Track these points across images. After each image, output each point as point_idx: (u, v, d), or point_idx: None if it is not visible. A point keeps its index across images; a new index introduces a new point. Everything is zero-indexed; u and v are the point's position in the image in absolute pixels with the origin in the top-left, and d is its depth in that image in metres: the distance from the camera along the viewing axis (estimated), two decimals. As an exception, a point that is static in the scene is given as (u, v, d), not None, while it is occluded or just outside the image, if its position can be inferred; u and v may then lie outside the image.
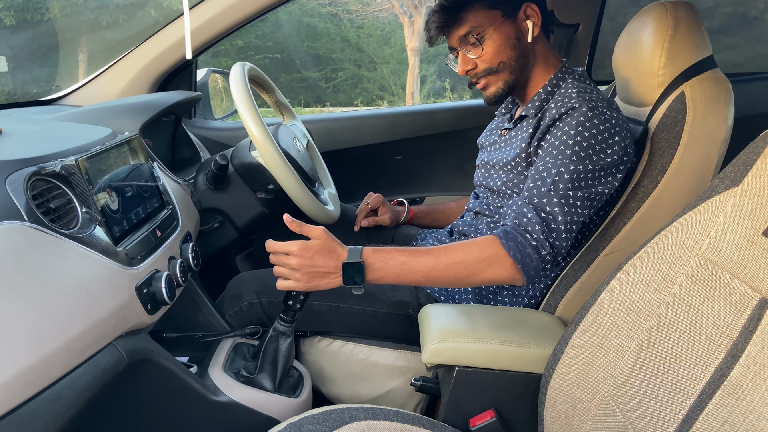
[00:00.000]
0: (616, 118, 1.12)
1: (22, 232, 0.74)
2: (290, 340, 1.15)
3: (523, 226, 1.05)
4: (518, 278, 1.04)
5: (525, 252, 1.03)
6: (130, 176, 1.04)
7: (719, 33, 4.01)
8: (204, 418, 1.07)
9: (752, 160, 0.76)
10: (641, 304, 0.83)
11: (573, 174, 1.07)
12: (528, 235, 1.04)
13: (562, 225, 1.05)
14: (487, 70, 1.22)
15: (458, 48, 1.23)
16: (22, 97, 8.10)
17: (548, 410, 0.95)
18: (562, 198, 1.06)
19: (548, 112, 1.17)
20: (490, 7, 1.19)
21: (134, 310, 0.89)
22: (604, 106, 1.12)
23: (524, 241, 1.04)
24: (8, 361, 0.65)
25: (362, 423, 0.91)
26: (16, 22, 8.54)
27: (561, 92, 1.20)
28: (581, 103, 1.11)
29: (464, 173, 2.11)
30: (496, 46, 1.20)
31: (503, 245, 1.03)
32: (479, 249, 1.04)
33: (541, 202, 1.06)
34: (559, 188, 1.06)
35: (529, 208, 1.07)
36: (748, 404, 0.63)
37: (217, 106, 2.14)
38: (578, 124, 1.09)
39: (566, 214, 1.06)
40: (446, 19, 1.21)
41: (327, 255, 1.02)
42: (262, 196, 1.43)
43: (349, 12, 10.90)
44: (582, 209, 1.08)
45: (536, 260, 1.04)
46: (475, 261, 1.03)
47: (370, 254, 1.02)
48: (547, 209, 1.06)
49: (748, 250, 0.71)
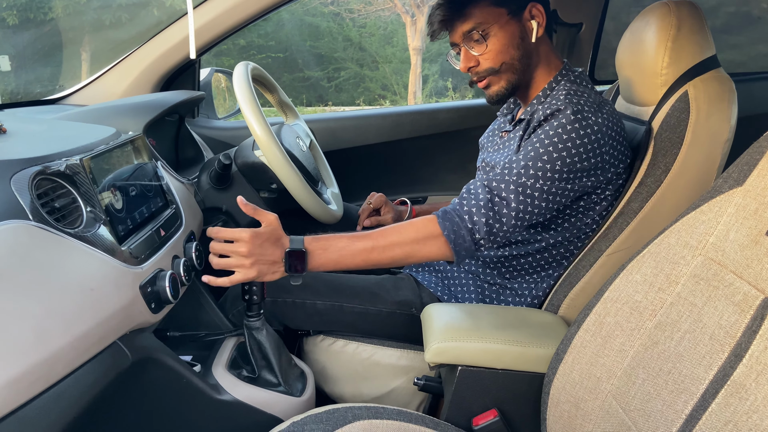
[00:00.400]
0: (600, 125, 1.10)
1: (26, 231, 0.75)
2: (265, 330, 1.15)
3: (467, 206, 1.07)
4: (449, 255, 1.08)
5: (459, 233, 1.06)
6: (134, 175, 1.04)
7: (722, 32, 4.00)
8: (207, 416, 1.07)
9: (756, 159, 0.76)
10: (644, 304, 0.83)
11: (539, 171, 1.07)
12: (467, 217, 1.06)
13: (513, 212, 1.06)
14: (490, 69, 1.21)
15: (461, 44, 1.22)
16: (25, 96, 8.12)
17: (551, 410, 0.95)
18: (519, 186, 1.07)
19: (536, 114, 1.17)
20: (496, 5, 1.18)
21: (138, 309, 0.89)
22: (591, 111, 1.11)
23: (460, 222, 1.06)
24: (13, 359, 0.66)
25: (365, 422, 0.91)
26: (20, 21, 8.56)
27: (552, 95, 1.19)
28: (566, 106, 1.11)
29: (467, 173, 2.11)
30: (500, 45, 1.19)
31: (439, 224, 1.06)
32: (415, 229, 1.07)
33: (498, 187, 1.07)
34: (521, 179, 1.07)
35: (484, 190, 1.08)
36: (752, 404, 0.63)
37: (220, 105, 2.14)
38: (558, 125, 1.08)
39: (520, 203, 1.07)
40: (451, 14, 1.20)
41: (274, 243, 1.04)
42: (266, 196, 1.43)
43: (352, 11, 10.90)
44: (538, 201, 1.08)
45: (469, 242, 1.07)
46: (411, 241, 1.07)
47: (311, 242, 1.05)
48: (503, 194, 1.07)
49: (752, 249, 0.71)
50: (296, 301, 1.29)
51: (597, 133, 1.09)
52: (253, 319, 1.14)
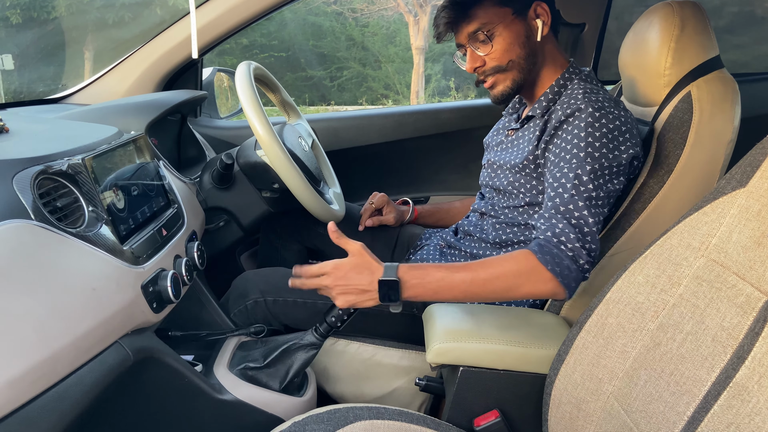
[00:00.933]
0: (624, 117, 1.11)
1: (29, 230, 0.75)
2: (314, 353, 1.13)
3: (557, 238, 1.02)
4: (559, 292, 1.01)
5: (563, 264, 1.00)
6: (136, 175, 1.05)
7: (726, 33, 3.99)
8: (209, 416, 1.07)
9: (759, 161, 0.75)
10: (647, 305, 0.83)
11: (591, 174, 1.06)
12: (563, 247, 1.01)
13: (594, 227, 1.04)
14: (496, 68, 1.21)
15: (467, 45, 1.22)
16: (28, 95, 8.13)
17: (553, 411, 0.95)
18: (587, 200, 1.05)
19: (554, 114, 1.16)
20: (500, 5, 1.18)
21: (140, 309, 0.89)
22: (611, 105, 1.12)
23: (560, 253, 1.01)
24: (15, 358, 0.66)
25: (366, 422, 0.91)
26: (23, 20, 8.57)
27: (567, 93, 1.19)
28: (587, 104, 1.11)
29: (469, 173, 2.11)
30: (505, 44, 1.19)
31: (539, 259, 0.99)
32: (516, 262, 1.00)
33: (569, 209, 1.04)
34: (581, 191, 1.05)
35: (558, 218, 1.04)
36: (754, 406, 0.63)
37: (222, 105, 2.15)
38: (587, 125, 1.08)
39: (594, 215, 1.04)
40: (456, 15, 1.20)
41: (361, 272, 0.99)
42: (268, 195, 1.43)
43: (354, 11, 10.90)
44: (603, 207, 1.07)
45: (575, 270, 1.01)
46: (514, 275, 1.00)
47: (406, 271, 1.00)
48: (576, 215, 1.04)
49: (755, 251, 0.71)
50: (297, 301, 1.29)
51: (626, 124, 1.10)
52: (318, 337, 1.11)
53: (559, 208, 1.05)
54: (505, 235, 1.27)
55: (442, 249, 1.40)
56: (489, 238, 1.29)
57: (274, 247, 1.64)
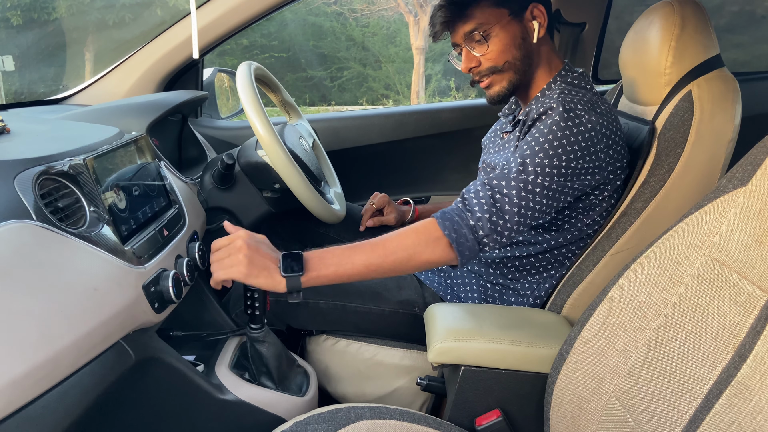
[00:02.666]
0: (594, 122, 1.08)
1: (30, 231, 0.75)
2: (267, 343, 1.13)
3: (468, 205, 1.04)
4: (452, 257, 1.03)
5: (461, 232, 1.02)
6: (137, 175, 1.05)
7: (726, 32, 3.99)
8: (210, 416, 1.07)
9: (760, 159, 0.75)
10: (648, 304, 0.83)
11: (537, 167, 1.05)
12: (469, 214, 1.03)
13: (515, 208, 1.03)
14: (492, 69, 1.21)
15: (462, 45, 1.22)
16: (29, 96, 8.14)
17: (554, 410, 0.95)
18: (520, 182, 1.04)
19: (531, 113, 1.16)
20: (497, 5, 1.18)
21: (141, 309, 0.89)
22: (584, 110, 1.09)
23: (461, 220, 1.03)
24: (17, 359, 0.66)
25: (368, 422, 0.91)
26: (24, 21, 8.58)
27: (548, 94, 1.19)
28: (558, 104, 1.10)
29: (469, 172, 2.11)
30: (501, 45, 1.19)
31: (439, 224, 1.02)
32: (416, 232, 1.03)
33: (499, 184, 1.05)
34: (521, 176, 1.05)
35: (485, 188, 1.05)
36: (756, 405, 0.63)
37: (223, 105, 2.15)
38: (552, 123, 1.07)
39: (522, 198, 1.04)
40: (452, 15, 1.20)
41: (269, 247, 1.03)
42: (269, 195, 1.43)
43: (355, 11, 10.90)
44: (539, 198, 1.05)
45: (471, 240, 1.02)
46: (413, 244, 1.02)
47: (308, 253, 1.03)
48: (504, 191, 1.04)
49: (756, 250, 0.71)
50: (299, 301, 1.29)
51: (590, 131, 1.08)
52: (255, 330, 1.12)
53: (492, 181, 1.06)
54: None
55: (443, 249, 1.40)
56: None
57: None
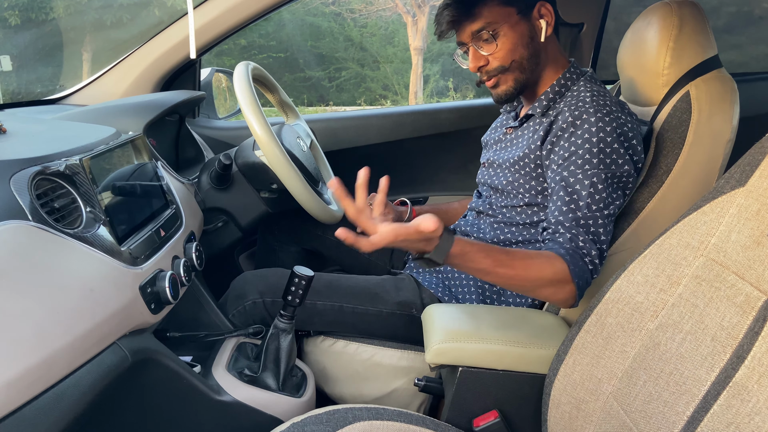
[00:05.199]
0: (631, 122, 1.12)
1: (26, 231, 0.74)
2: (291, 336, 1.15)
3: (582, 251, 1.05)
4: (572, 302, 1.05)
5: (584, 277, 1.03)
6: (134, 176, 1.04)
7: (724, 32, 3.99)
8: (207, 417, 1.07)
9: (758, 160, 0.75)
10: (646, 305, 0.83)
11: (605, 182, 1.07)
12: (587, 259, 1.05)
13: (605, 237, 1.07)
14: (500, 68, 1.21)
15: (470, 43, 1.21)
16: (26, 96, 8.12)
17: (552, 411, 0.95)
18: (602, 211, 1.07)
19: (561, 115, 1.15)
20: (505, 4, 1.18)
21: (138, 310, 0.89)
22: (619, 110, 1.12)
23: (584, 266, 1.04)
24: (12, 360, 0.65)
25: (365, 423, 0.91)
26: (21, 21, 8.56)
27: (573, 95, 1.19)
28: (596, 109, 1.10)
29: (468, 173, 2.10)
30: (510, 44, 1.18)
31: (571, 272, 1.01)
32: (553, 270, 1.01)
33: (588, 223, 1.06)
34: (596, 200, 1.07)
35: (580, 231, 1.06)
36: (753, 406, 0.63)
37: (220, 105, 2.14)
38: (599, 130, 1.08)
39: (605, 226, 1.07)
40: (459, 14, 1.19)
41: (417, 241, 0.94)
42: (266, 196, 1.43)
43: (353, 11, 10.89)
44: (613, 218, 1.09)
45: (590, 280, 1.05)
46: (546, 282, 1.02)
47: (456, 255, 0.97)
48: (592, 229, 1.06)
49: (754, 251, 0.71)
50: None
51: (632, 130, 1.11)
52: (285, 321, 1.14)
53: (579, 219, 1.06)
54: (503, 235, 1.26)
55: (440, 249, 1.40)
56: (487, 238, 1.29)
57: (272, 248, 1.64)
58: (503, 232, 1.27)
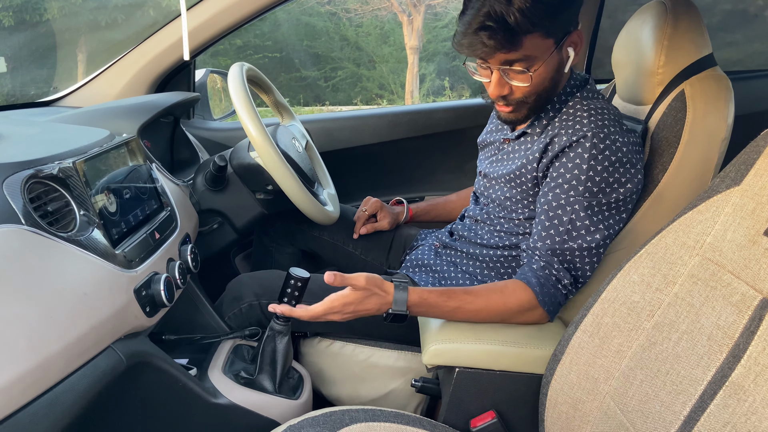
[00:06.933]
0: (628, 144, 1.08)
1: (19, 235, 0.74)
2: (287, 338, 1.14)
3: (554, 278, 1.08)
4: (546, 321, 1.11)
5: (556, 302, 1.09)
6: (128, 178, 1.04)
7: (719, 30, 4.00)
8: (203, 420, 1.07)
9: (753, 159, 0.75)
10: (642, 305, 0.83)
11: (588, 210, 1.07)
12: (560, 285, 1.08)
13: (582, 264, 1.08)
14: (522, 100, 1.13)
15: (497, 68, 1.09)
16: (20, 98, 8.09)
17: (549, 411, 0.95)
18: (585, 236, 1.07)
19: (557, 137, 1.11)
20: (546, 35, 1.06)
21: (133, 313, 0.89)
22: (617, 132, 1.08)
23: (557, 292, 1.08)
24: (6, 365, 0.65)
25: (362, 425, 0.91)
26: (15, 22, 8.53)
27: (570, 113, 1.13)
28: (594, 133, 1.06)
29: (464, 172, 2.11)
30: (540, 79, 1.10)
31: (540, 301, 1.07)
32: (518, 301, 1.07)
33: (563, 253, 1.08)
34: (576, 226, 1.07)
35: (553, 259, 1.08)
36: (750, 405, 0.63)
37: (215, 106, 2.14)
38: (590, 157, 1.06)
39: (585, 254, 1.08)
40: (498, 43, 1.04)
41: (369, 302, 1.04)
42: (261, 197, 1.42)
43: (348, 11, 10.88)
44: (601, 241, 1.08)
45: (564, 302, 1.11)
46: (513, 312, 1.08)
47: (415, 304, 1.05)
48: (568, 257, 1.08)
49: (749, 250, 0.71)
50: None
51: (627, 154, 1.08)
52: (281, 323, 1.13)
53: (555, 249, 1.09)
54: (501, 241, 1.26)
55: (437, 249, 1.40)
56: (484, 242, 1.29)
57: (268, 250, 1.63)
58: (501, 238, 1.26)
